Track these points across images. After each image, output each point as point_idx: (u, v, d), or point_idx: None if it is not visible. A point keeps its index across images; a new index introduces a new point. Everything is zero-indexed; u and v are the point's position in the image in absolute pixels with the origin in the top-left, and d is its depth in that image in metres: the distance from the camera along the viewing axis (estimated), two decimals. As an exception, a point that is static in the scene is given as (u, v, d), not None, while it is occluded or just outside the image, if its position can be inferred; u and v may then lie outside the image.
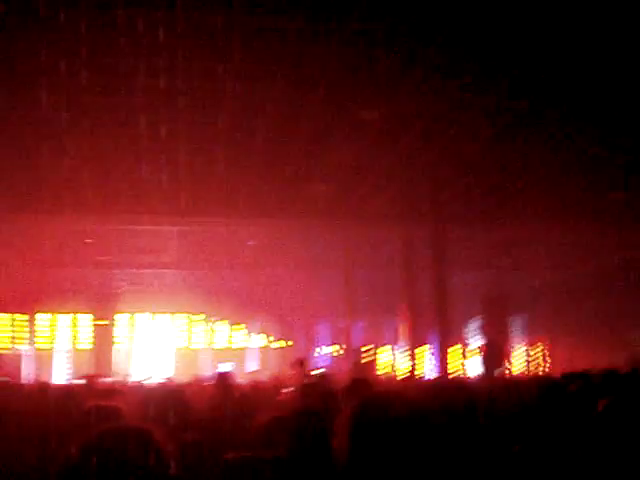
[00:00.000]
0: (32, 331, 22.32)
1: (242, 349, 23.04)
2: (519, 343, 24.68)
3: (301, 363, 11.85)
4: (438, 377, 15.68)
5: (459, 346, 22.04)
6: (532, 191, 14.96)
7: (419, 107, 10.75)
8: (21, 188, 13.89)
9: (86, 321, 22.30)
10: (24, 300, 20.58)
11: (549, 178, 14.10)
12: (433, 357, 20.05)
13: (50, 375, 20.56)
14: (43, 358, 22.33)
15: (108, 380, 12.80)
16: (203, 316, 22.75)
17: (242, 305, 21.58)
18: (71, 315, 22.43)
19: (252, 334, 23.08)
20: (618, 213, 15.53)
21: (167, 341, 22.59)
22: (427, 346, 22.30)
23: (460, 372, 21.52)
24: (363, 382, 5.08)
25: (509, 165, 13.52)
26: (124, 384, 12.51)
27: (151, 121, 10.98)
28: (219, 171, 13.13)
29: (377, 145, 12.15)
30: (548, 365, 24.06)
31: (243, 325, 23.01)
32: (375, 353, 22.12)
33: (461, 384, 6.67)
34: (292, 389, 8.62)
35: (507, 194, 15.15)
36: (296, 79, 9.60)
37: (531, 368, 24.27)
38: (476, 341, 23.01)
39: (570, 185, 14.35)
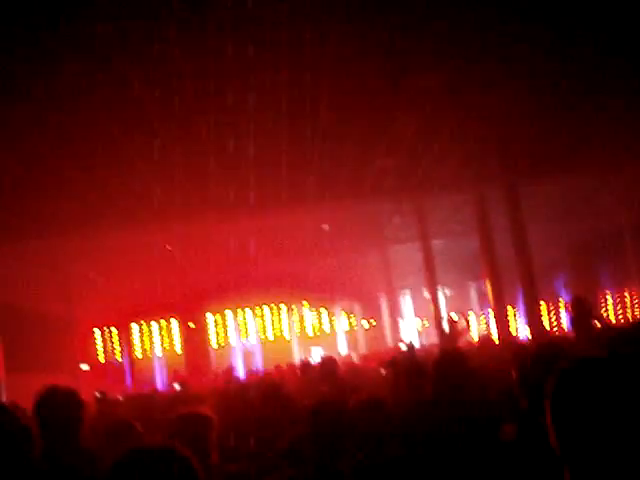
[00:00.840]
0: (128, 341, 23.01)
1: (327, 334, 23.16)
2: (608, 290, 24.10)
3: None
4: (535, 337, 15.45)
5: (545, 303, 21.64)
6: (602, 134, 14.53)
7: (474, 67, 10.53)
8: (102, 203, 14.31)
9: (176, 325, 22.84)
10: (117, 313, 21.28)
11: (619, 120, 13.66)
12: (522, 317, 19.79)
13: (152, 382, 21.21)
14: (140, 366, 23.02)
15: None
16: (286, 306, 22.95)
17: (324, 290, 21.69)
18: (162, 321, 23.00)
19: (337, 318, 23.19)
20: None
21: (256, 334, 22.89)
22: (515, 306, 22.07)
23: (554, 329, 21.20)
24: (453, 357, 4.93)
25: (575, 111, 13.14)
26: (219, 384, 12.78)
27: (213, 114, 11.06)
28: (285, 158, 13.16)
29: (440, 109, 11.97)
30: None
31: (326, 310, 23.12)
32: (463, 321, 21.94)
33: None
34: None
35: (577, 140, 14.73)
36: (350, 53, 9.52)
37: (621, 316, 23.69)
38: (565, 295, 22.58)
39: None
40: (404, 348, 11.95)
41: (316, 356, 18.88)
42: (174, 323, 22.87)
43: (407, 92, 11.02)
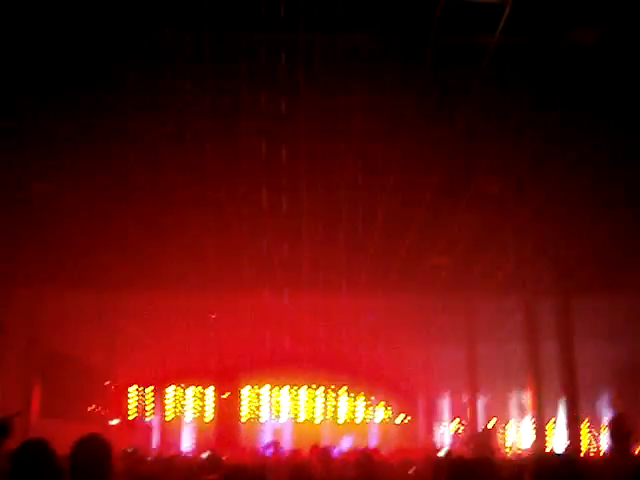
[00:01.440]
0: (161, 403, 23.05)
1: (362, 423, 22.79)
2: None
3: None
4: (569, 454, 15.01)
5: (586, 421, 21.03)
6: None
7: (537, 177, 10.66)
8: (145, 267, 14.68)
9: (210, 393, 22.80)
10: (155, 373, 21.41)
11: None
12: (562, 432, 19.25)
13: (176, 445, 21.12)
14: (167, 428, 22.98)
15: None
16: (323, 388, 22.75)
17: (364, 379, 21.52)
18: (197, 387, 23.01)
19: (374, 408, 22.86)
20: None
21: (288, 413, 22.68)
22: (555, 420, 21.48)
23: (592, 448, 20.54)
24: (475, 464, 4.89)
25: (629, 232, 13.09)
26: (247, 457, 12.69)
27: (275, 198, 11.37)
28: (340, 246, 13.36)
29: (497, 216, 12.08)
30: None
31: (364, 398, 22.83)
32: (498, 428, 21.46)
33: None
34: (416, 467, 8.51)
35: (632, 261, 14.59)
36: (416, 152, 9.75)
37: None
38: (607, 415, 21.93)
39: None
40: (442, 454, 11.63)
41: (346, 444, 18.62)
42: (209, 391, 22.83)
43: (467, 195, 11.16)
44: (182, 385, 23.05)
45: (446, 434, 22.63)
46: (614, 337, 20.26)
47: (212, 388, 22.71)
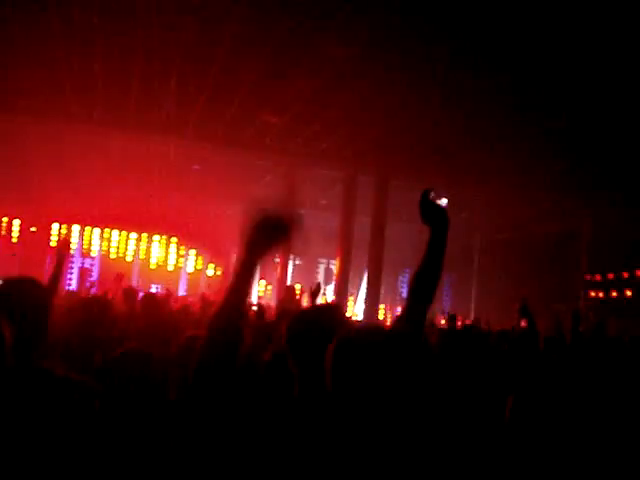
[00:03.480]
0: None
1: (174, 272, 22.91)
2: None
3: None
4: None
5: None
6: (471, 154, 15.10)
7: (386, 47, 10.65)
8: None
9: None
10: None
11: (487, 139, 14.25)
12: (360, 305, 20.47)
13: None
14: None
15: None
16: (136, 234, 22.51)
17: (180, 228, 21.49)
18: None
19: (186, 257, 23.04)
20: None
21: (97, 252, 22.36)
22: (355, 294, 22.78)
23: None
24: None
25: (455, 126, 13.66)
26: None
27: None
28: (172, 88, 12.90)
29: (337, 82, 12.07)
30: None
31: (176, 246, 22.88)
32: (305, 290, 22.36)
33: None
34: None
35: (448, 154, 15.23)
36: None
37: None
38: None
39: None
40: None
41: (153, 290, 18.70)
42: (16, 224, 21.82)
43: (310, 57, 11.04)
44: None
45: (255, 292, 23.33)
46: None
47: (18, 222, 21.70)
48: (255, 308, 8.08)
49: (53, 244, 20.73)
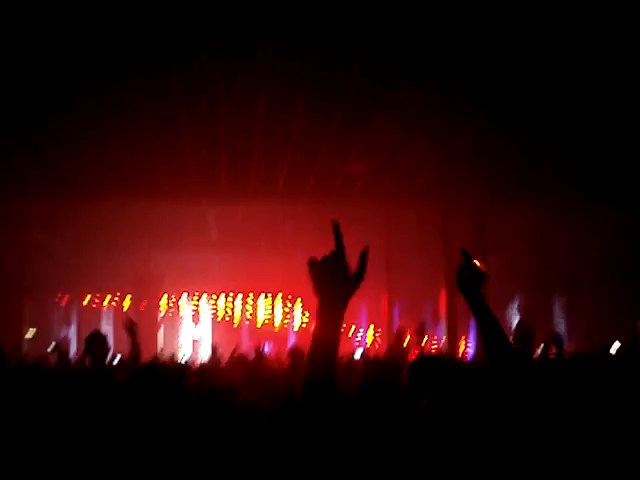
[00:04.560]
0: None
1: (282, 329, 23.06)
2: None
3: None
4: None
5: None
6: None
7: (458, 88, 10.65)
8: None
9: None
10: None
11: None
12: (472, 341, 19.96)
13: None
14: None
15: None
16: (242, 295, 22.84)
17: (282, 285, 21.69)
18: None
19: (293, 315, 23.18)
20: None
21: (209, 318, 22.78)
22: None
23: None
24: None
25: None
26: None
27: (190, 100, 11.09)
28: (257, 147, 13.15)
29: (416, 124, 12.08)
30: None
31: (282, 304, 23.08)
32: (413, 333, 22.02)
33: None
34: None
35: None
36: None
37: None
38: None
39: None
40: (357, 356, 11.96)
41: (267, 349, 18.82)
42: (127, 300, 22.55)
43: (386, 102, 11.11)
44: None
45: (363, 339, 23.19)
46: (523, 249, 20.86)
47: (129, 297, 22.45)
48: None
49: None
